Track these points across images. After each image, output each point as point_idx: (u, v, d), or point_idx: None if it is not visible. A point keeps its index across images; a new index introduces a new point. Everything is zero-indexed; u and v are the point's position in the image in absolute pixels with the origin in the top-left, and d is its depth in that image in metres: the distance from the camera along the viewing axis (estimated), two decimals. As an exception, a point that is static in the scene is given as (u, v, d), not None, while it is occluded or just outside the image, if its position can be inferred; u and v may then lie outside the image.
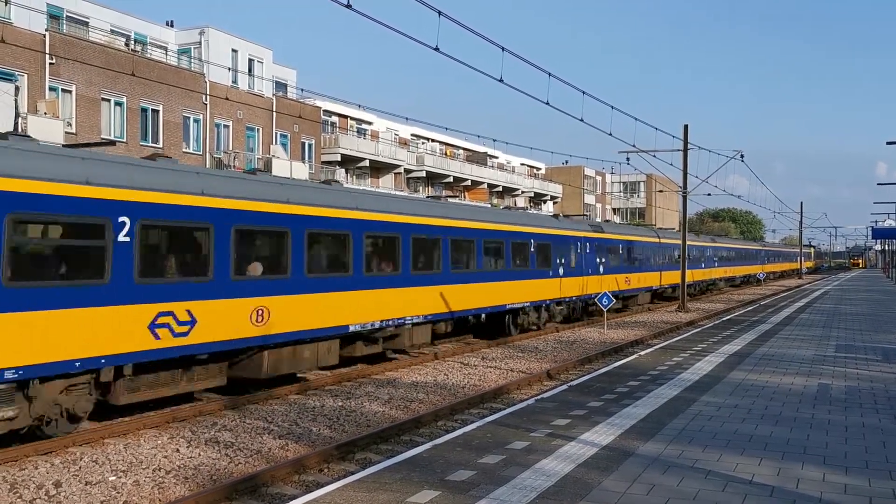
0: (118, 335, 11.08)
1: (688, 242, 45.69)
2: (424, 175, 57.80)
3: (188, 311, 12.17)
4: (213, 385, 13.41)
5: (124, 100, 33.19)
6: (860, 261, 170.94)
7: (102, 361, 10.89)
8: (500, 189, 68.69)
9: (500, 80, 17.69)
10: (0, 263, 9.73)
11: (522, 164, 77.13)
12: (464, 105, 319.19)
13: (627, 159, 38.42)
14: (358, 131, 53.46)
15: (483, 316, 22.64)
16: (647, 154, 37.93)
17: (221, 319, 12.74)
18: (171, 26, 40.74)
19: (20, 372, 9.87)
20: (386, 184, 53.11)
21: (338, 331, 15.62)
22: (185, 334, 12.10)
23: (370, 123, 54.93)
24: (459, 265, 20.31)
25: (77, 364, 10.53)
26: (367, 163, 50.81)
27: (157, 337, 11.69)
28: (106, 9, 36.28)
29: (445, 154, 63.58)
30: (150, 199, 11.61)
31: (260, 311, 13.52)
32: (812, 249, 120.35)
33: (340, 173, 48.54)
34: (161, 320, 11.74)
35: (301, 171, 39.93)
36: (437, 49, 15.08)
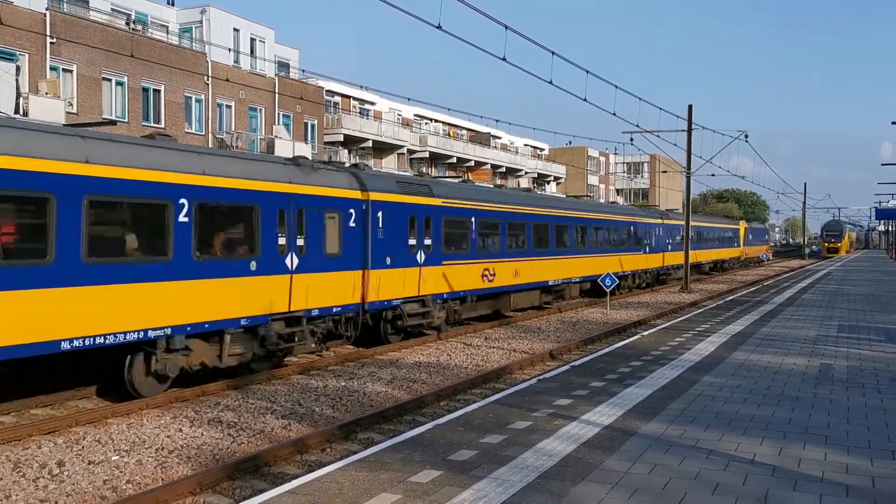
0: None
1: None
2: (428, 156, 57.62)
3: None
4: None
5: (125, 79, 33.05)
6: (840, 244, 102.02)
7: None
8: (504, 170, 68.47)
9: (504, 59, 17.55)
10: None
11: (526, 145, 76.77)
12: (467, 84, 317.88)
13: (631, 140, 38.29)
14: (361, 112, 53.16)
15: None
16: (651, 134, 38.01)
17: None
18: (172, 5, 40.42)
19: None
20: (389, 164, 52.93)
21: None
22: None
23: (373, 104, 54.59)
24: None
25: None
26: (370, 143, 50.61)
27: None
28: (106, -12, 35.99)
29: (449, 135, 63.28)
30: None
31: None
32: (743, 224, 66.74)
33: (343, 154, 48.34)
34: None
35: (304, 151, 39.76)
36: (439, 27, 14.95)
